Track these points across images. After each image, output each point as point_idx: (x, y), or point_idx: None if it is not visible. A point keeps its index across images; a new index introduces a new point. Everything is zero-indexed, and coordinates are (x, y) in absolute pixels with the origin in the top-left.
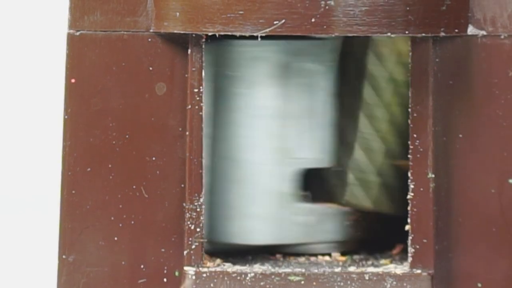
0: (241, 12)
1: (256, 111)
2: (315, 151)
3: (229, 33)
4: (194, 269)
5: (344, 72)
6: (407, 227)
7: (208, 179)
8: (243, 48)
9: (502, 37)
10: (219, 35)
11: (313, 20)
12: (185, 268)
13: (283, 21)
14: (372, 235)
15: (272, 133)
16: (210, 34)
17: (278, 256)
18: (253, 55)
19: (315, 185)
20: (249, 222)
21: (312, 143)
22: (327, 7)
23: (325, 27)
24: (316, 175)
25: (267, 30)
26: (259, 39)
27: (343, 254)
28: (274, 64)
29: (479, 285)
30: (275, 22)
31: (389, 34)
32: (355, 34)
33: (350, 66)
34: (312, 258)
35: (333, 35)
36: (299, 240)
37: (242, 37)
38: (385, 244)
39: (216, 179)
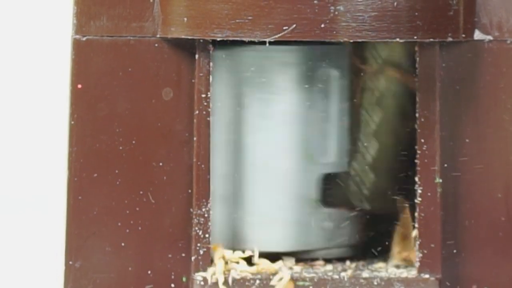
0: (250, 18)
1: (282, 117)
2: (335, 156)
3: (238, 39)
4: (202, 275)
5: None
6: (414, 233)
7: (231, 186)
8: (270, 53)
9: (508, 42)
10: (228, 40)
11: (322, 25)
12: (193, 274)
13: (293, 26)
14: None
15: (298, 139)
16: (218, 39)
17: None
18: (280, 61)
19: (329, 189)
20: (276, 228)
21: (332, 148)
22: (336, 13)
23: (334, 32)
24: (329, 179)
25: (277, 35)
26: (267, 44)
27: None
28: (300, 69)
29: None
30: (284, 28)
31: (397, 39)
32: (364, 40)
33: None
34: (319, 262)
35: (342, 41)
36: (320, 245)
37: (252, 43)
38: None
39: (242, 186)
